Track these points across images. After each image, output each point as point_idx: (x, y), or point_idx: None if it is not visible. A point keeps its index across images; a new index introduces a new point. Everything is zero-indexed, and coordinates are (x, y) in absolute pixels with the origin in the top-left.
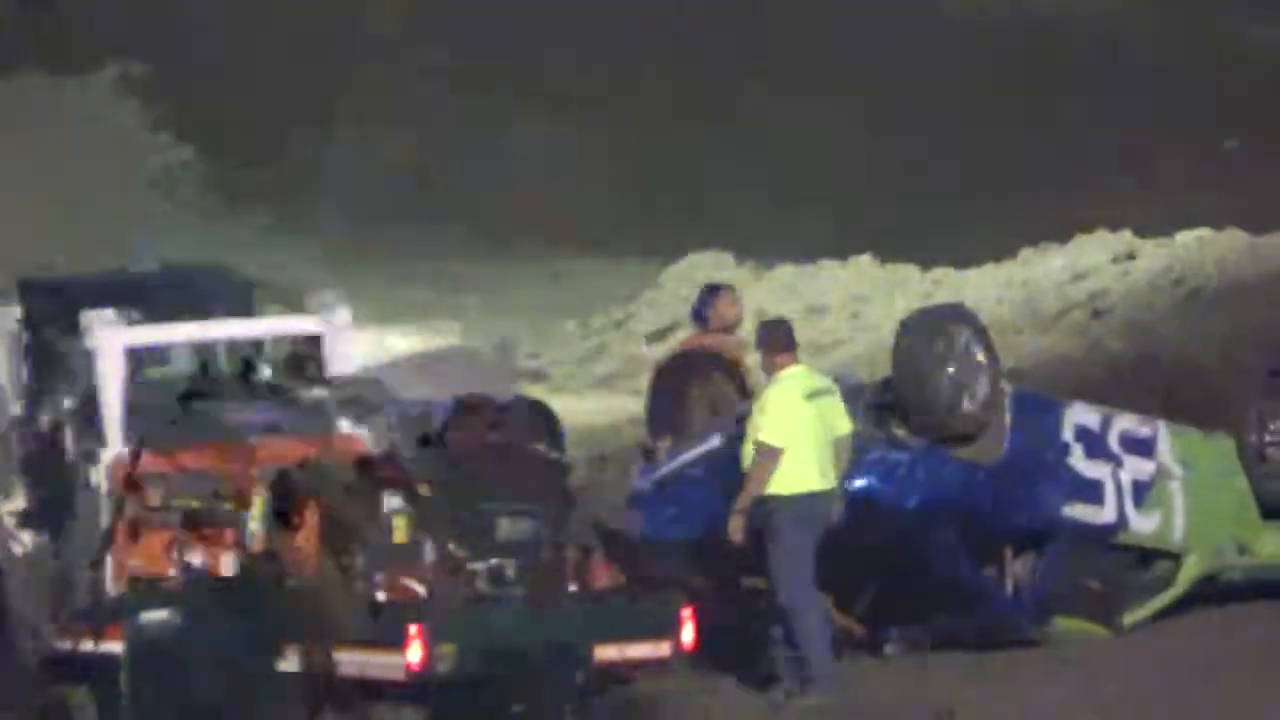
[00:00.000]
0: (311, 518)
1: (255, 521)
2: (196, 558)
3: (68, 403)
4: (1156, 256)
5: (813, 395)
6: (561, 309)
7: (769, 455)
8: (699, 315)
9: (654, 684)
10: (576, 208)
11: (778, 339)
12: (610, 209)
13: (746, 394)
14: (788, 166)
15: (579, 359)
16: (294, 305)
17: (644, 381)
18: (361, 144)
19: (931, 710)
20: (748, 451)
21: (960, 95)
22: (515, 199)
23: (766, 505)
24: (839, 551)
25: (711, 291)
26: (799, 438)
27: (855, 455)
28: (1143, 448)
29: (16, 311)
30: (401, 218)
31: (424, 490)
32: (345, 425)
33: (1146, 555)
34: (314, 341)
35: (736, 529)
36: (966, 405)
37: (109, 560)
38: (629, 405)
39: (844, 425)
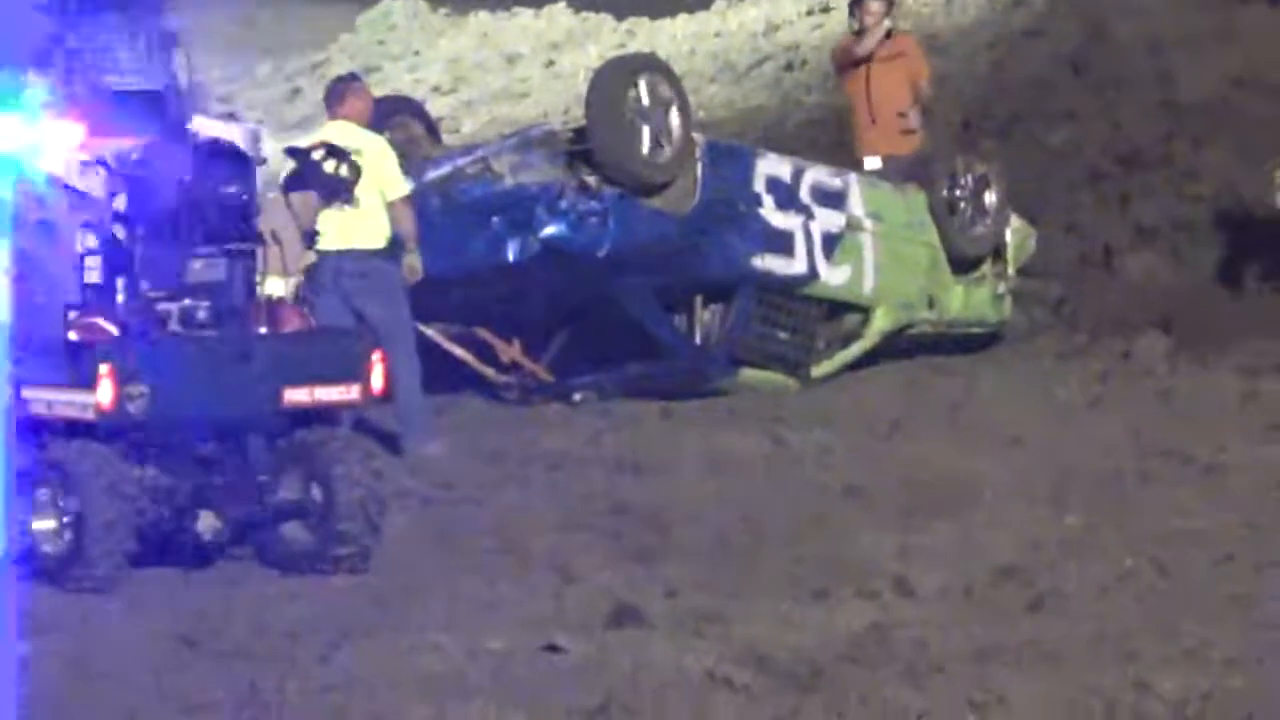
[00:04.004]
0: (2, 252)
1: None
2: None
3: None
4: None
5: None
6: (257, 52)
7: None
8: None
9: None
10: None
11: (325, 97)
12: None
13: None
14: None
15: (273, 102)
16: None
17: None
18: None
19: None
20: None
21: None
22: None
23: None
24: (528, 299)
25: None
26: None
27: (550, 204)
28: (834, 200)
29: None
30: None
31: (118, 232)
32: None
33: (836, 308)
34: None
35: None
36: (659, 155)
37: None
38: None
39: (394, 189)
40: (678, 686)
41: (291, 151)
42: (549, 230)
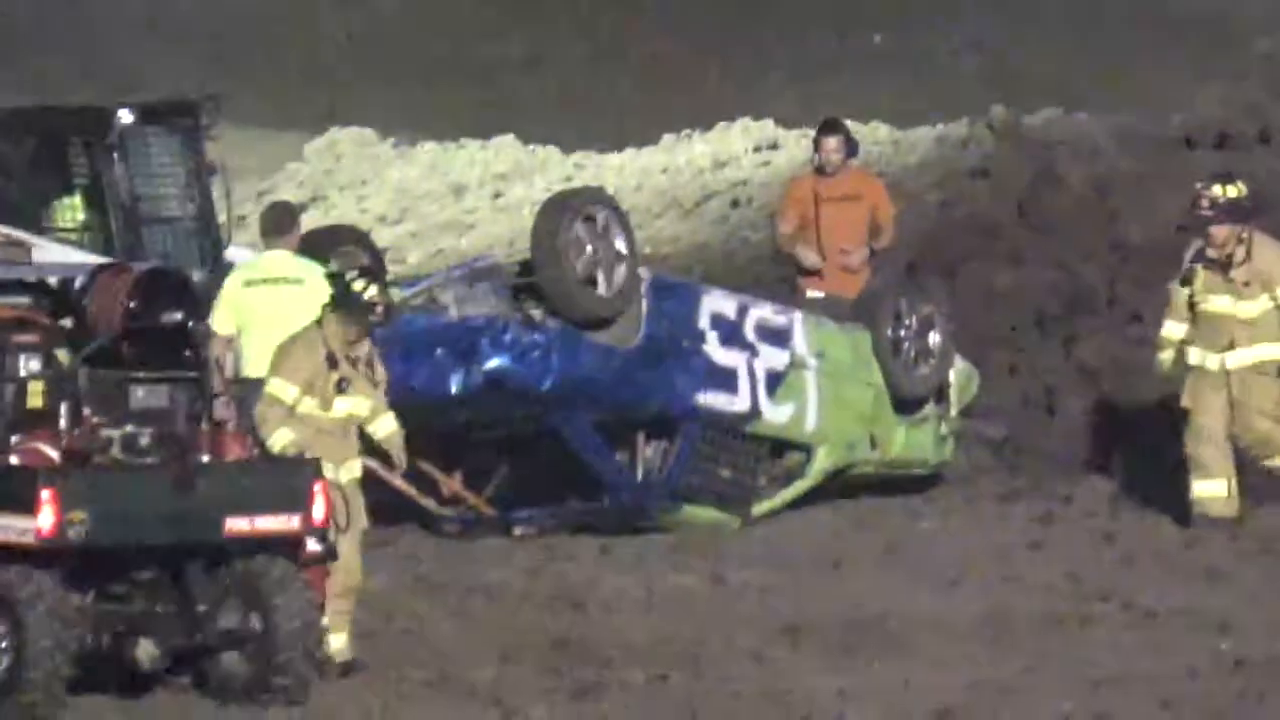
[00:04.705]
0: None
1: None
2: None
3: None
4: (798, 146)
5: (264, 282)
6: None
7: (212, 339)
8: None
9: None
10: (219, 79)
11: (262, 224)
12: (253, 81)
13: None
14: (426, 43)
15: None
16: None
17: None
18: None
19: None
20: None
21: None
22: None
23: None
24: (471, 431)
25: (823, 129)
26: (246, 324)
27: (494, 337)
28: (778, 338)
29: None
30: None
31: (61, 356)
32: None
33: (779, 446)
34: None
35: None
36: (603, 289)
37: None
38: None
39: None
40: None
41: (329, 276)
42: (493, 363)
